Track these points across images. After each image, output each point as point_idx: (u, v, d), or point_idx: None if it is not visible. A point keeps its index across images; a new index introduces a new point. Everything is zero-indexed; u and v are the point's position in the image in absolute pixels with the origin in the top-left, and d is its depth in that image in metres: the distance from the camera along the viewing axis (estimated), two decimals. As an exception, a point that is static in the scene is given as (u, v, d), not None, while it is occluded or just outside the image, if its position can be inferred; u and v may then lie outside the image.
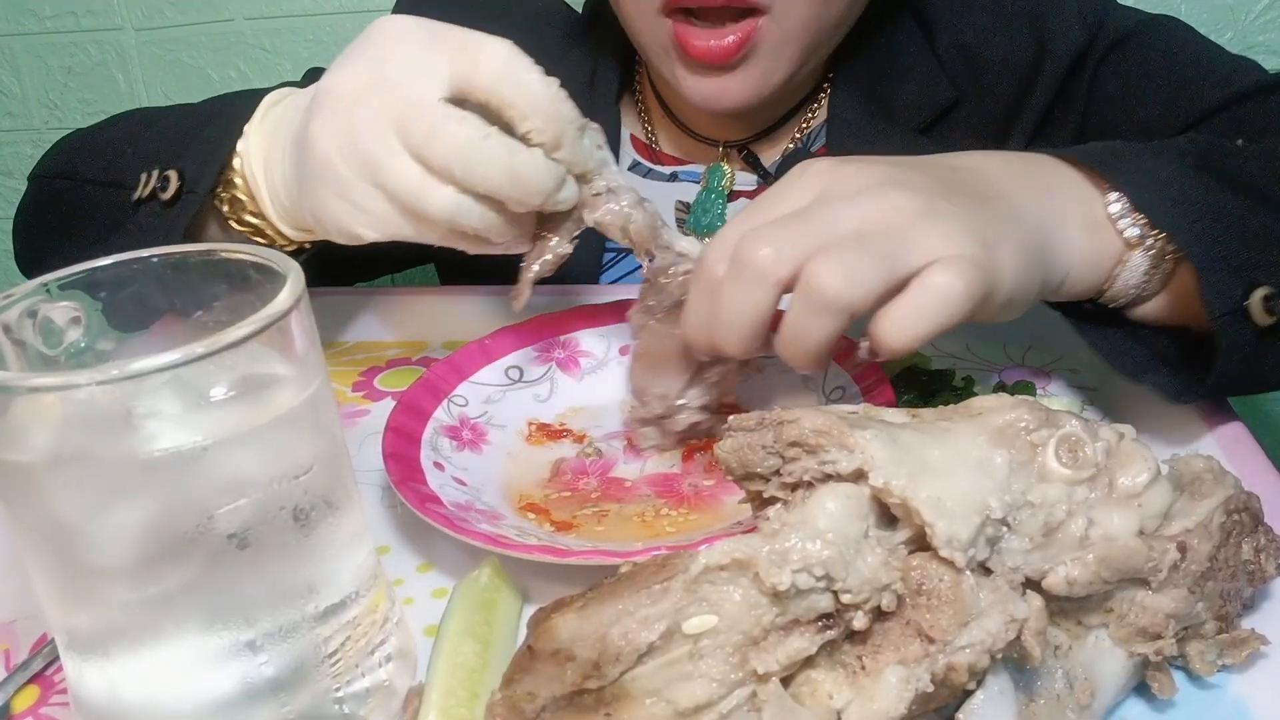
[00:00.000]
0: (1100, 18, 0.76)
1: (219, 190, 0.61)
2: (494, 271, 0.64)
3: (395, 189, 0.51)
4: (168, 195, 0.62)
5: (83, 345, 0.38)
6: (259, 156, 0.60)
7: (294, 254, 0.61)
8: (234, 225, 0.62)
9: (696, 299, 0.49)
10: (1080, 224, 0.52)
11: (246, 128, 0.61)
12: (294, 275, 0.36)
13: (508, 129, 0.50)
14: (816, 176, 0.49)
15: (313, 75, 0.91)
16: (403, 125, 0.50)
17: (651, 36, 0.72)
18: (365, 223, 0.53)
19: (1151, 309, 0.55)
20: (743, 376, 0.58)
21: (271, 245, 0.61)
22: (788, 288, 0.46)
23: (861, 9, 0.75)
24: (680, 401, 0.56)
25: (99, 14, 1.47)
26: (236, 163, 0.61)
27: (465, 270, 0.71)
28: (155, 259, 0.39)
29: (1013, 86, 0.78)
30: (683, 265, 0.54)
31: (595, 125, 0.53)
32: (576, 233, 0.55)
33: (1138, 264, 0.53)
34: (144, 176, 0.64)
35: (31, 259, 0.78)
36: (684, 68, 0.72)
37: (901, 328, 0.45)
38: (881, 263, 0.44)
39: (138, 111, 0.78)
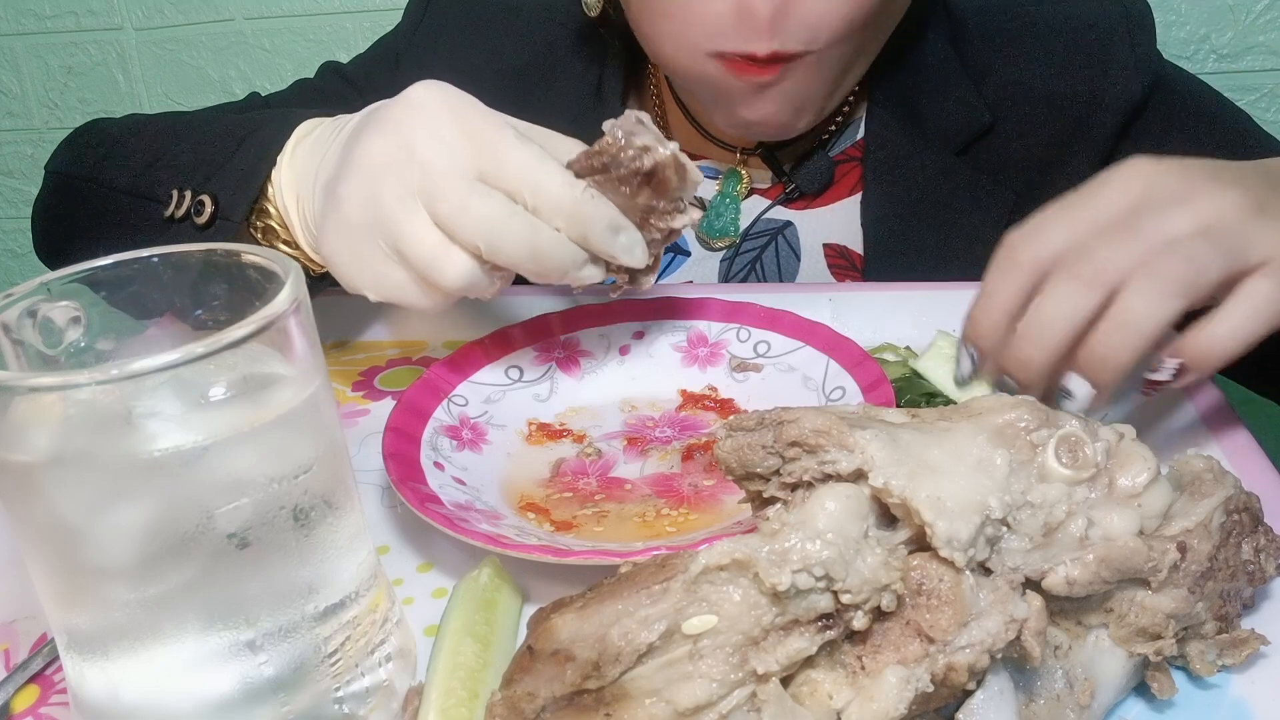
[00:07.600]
0: (1156, 69, 0.77)
1: (253, 219, 0.63)
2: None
3: (412, 253, 0.52)
4: (203, 220, 0.63)
5: (83, 345, 0.38)
6: (291, 190, 0.61)
7: (323, 277, 0.63)
8: None
9: (1001, 291, 0.48)
10: None
11: (279, 158, 0.62)
12: (294, 275, 0.36)
13: None
14: (1136, 179, 0.48)
15: (326, 69, 0.91)
16: (430, 197, 0.51)
17: (697, 72, 0.71)
18: (371, 284, 0.55)
19: None
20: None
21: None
22: (1110, 295, 0.45)
23: (885, 40, 0.75)
24: None
25: (99, 14, 1.48)
26: (270, 191, 0.62)
27: None
28: (155, 259, 0.39)
29: (1058, 124, 0.78)
30: (645, 138, 0.53)
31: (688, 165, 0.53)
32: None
33: None
34: (175, 195, 0.65)
35: (55, 252, 0.79)
36: (737, 94, 0.71)
37: (1221, 335, 0.45)
38: (1224, 255, 0.44)
39: (162, 118, 0.78)
